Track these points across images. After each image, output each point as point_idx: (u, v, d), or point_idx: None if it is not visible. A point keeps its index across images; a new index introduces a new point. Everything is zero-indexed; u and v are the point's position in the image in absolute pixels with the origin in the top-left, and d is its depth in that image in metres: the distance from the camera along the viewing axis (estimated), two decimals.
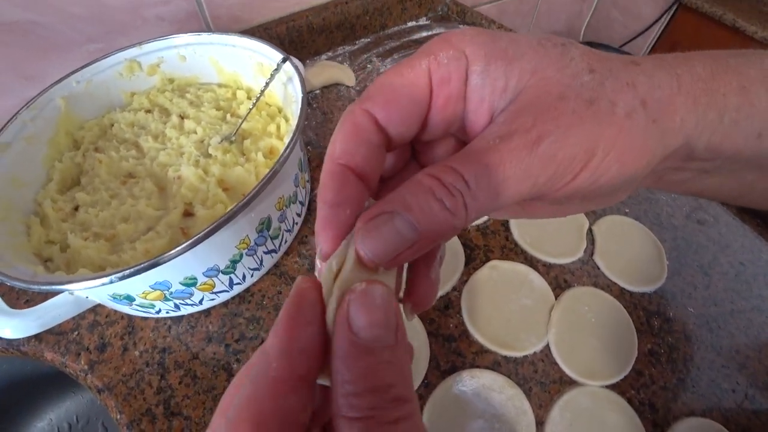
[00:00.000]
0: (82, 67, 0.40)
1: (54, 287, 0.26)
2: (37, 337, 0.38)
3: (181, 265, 0.31)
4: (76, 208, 0.38)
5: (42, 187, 0.38)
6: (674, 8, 0.97)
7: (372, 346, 0.12)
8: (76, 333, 0.38)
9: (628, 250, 0.45)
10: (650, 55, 0.17)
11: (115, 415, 0.35)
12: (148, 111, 0.45)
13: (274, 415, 0.12)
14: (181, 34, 0.44)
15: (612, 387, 0.37)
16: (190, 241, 0.28)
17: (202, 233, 0.28)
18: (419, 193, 0.14)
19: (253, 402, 0.12)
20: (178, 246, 0.27)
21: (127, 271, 0.26)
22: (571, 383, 0.37)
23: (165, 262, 0.27)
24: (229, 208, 0.30)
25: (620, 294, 0.42)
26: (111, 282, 0.26)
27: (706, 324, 0.41)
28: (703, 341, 0.40)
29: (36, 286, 0.26)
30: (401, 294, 0.18)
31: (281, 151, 0.33)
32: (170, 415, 0.34)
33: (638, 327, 0.40)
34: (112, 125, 0.43)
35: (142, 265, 0.26)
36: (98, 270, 0.33)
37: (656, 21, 1.02)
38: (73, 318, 0.39)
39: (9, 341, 0.38)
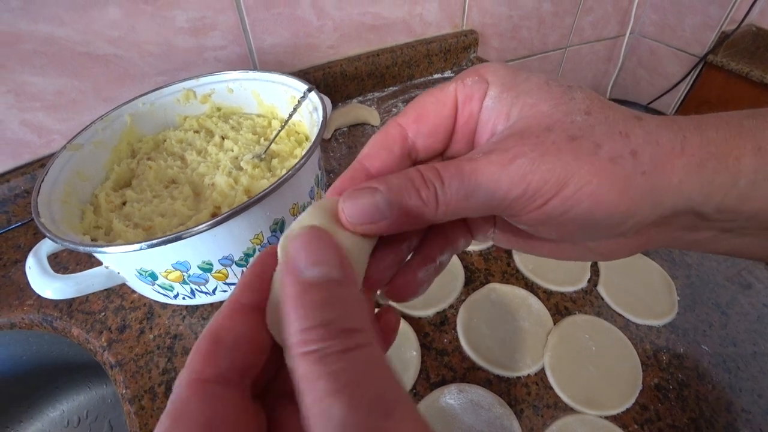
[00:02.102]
0: (149, 92, 0.49)
1: (96, 249, 0.31)
2: (69, 313, 0.43)
3: (200, 247, 0.35)
4: (124, 203, 0.44)
5: (100, 183, 0.45)
6: (700, 66, 1.00)
7: (316, 282, 0.13)
8: (102, 314, 0.43)
9: (634, 282, 0.44)
10: (661, 116, 0.17)
11: (121, 390, 0.37)
12: (196, 131, 0.52)
13: (229, 331, 0.14)
14: (231, 71, 0.52)
15: (612, 418, 0.35)
16: (210, 222, 0.32)
17: (221, 217, 0.32)
18: (402, 180, 0.16)
19: (212, 324, 0.14)
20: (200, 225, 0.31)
21: (155, 241, 0.31)
22: (567, 410, 0.35)
23: (187, 237, 0.31)
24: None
25: (625, 326, 0.41)
26: (141, 249, 0.30)
27: (723, 363, 0.38)
28: (720, 381, 0.37)
29: (82, 247, 0.31)
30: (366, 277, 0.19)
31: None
32: (170, 395, 0.36)
33: (643, 360, 0.38)
34: (165, 141, 0.51)
35: (168, 237, 0.31)
36: None
37: (683, 79, 1.04)
38: (103, 301, 0.44)
39: (44, 316, 0.43)
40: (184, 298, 0.40)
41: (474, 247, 0.47)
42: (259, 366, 0.15)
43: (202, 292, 0.39)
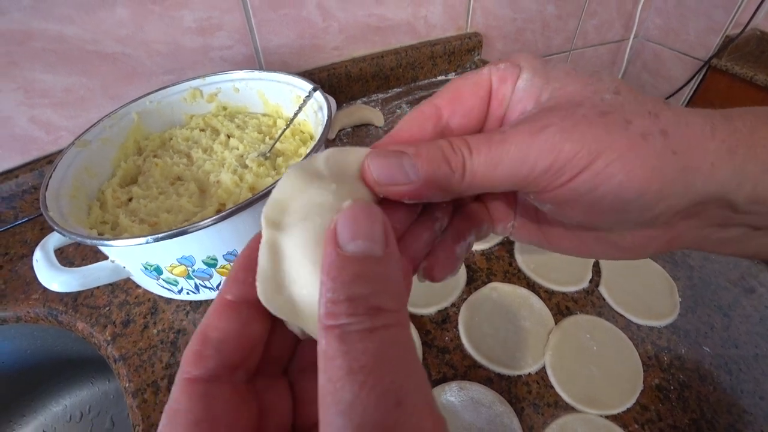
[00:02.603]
0: (156, 91, 0.50)
1: (103, 242, 0.31)
2: (74, 308, 0.43)
3: (205, 242, 0.35)
4: (130, 200, 0.44)
5: (107, 180, 0.45)
6: (704, 70, 1.00)
7: (356, 257, 0.12)
8: (107, 308, 0.43)
9: (636, 283, 0.44)
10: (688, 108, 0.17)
11: (125, 383, 0.38)
12: (202, 130, 0.53)
13: (216, 330, 0.14)
14: (237, 71, 0.53)
15: (612, 418, 0.35)
16: (215, 217, 0.32)
17: (226, 212, 0.33)
18: (431, 148, 0.16)
19: (202, 323, 0.14)
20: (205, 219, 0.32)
21: (161, 235, 0.31)
22: (567, 408, 0.35)
23: (192, 232, 0.32)
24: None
25: (626, 326, 0.41)
26: (147, 243, 0.31)
27: (725, 365, 0.38)
28: (721, 383, 0.37)
29: (89, 240, 0.31)
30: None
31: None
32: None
33: (645, 360, 0.38)
34: (171, 138, 0.52)
35: (174, 231, 0.31)
36: None
37: (687, 83, 1.04)
38: (108, 296, 0.44)
39: (49, 310, 0.44)
40: (188, 293, 0.40)
41: (477, 246, 0.48)
42: (254, 356, 0.15)
43: (206, 287, 0.40)
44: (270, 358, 0.16)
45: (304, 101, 0.47)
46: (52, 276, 0.34)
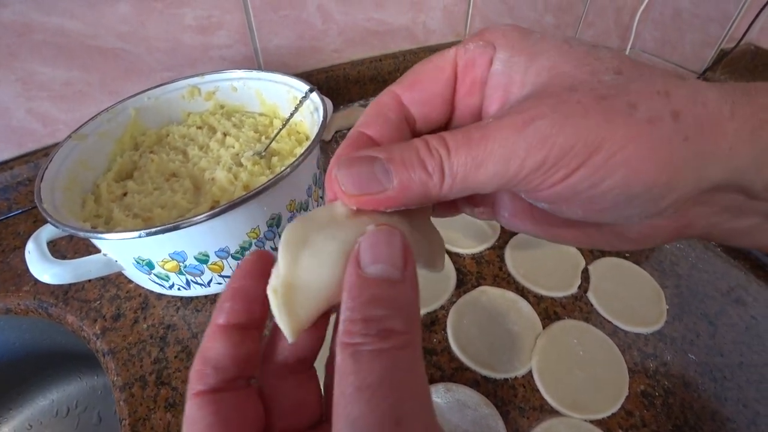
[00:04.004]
0: (154, 87, 0.50)
1: (95, 235, 0.32)
2: (65, 301, 0.43)
3: (197, 238, 0.35)
4: (125, 194, 0.45)
5: (102, 174, 0.46)
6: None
7: (375, 280, 0.13)
8: (98, 302, 0.43)
9: (624, 290, 0.44)
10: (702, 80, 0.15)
11: (113, 377, 0.38)
12: (199, 127, 0.53)
13: (212, 351, 0.15)
14: (236, 70, 0.53)
15: (597, 422, 0.35)
16: (208, 213, 0.33)
17: (219, 209, 0.33)
18: (405, 149, 0.14)
19: (201, 344, 0.15)
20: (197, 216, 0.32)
21: (154, 229, 0.31)
22: (552, 412, 0.36)
23: (185, 227, 0.32)
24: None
25: (613, 332, 0.41)
26: (139, 237, 0.31)
27: (710, 373, 0.39)
28: (706, 390, 0.38)
29: (82, 233, 0.32)
30: None
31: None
32: (160, 384, 0.37)
33: (630, 366, 0.39)
34: (168, 135, 0.52)
35: (166, 226, 0.31)
36: None
37: None
38: (99, 290, 0.44)
39: (39, 303, 0.44)
40: (179, 289, 0.40)
41: (466, 250, 0.48)
42: (250, 368, 0.16)
43: (197, 283, 0.40)
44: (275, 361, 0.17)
45: (301, 102, 0.47)
46: (43, 268, 0.35)
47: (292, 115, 0.48)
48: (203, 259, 0.38)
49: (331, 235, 0.14)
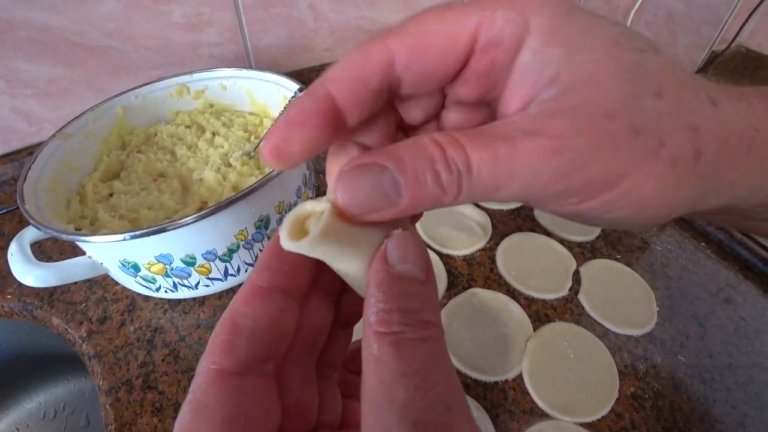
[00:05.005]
0: (142, 85, 0.49)
1: (79, 238, 0.31)
2: (50, 303, 0.43)
3: (184, 240, 0.35)
4: (111, 195, 0.44)
5: (88, 174, 0.45)
6: None
7: (404, 277, 0.13)
8: (83, 305, 0.42)
9: (615, 292, 0.44)
10: (737, 93, 0.15)
11: (98, 381, 0.37)
12: (188, 127, 0.53)
13: (247, 318, 0.14)
14: (225, 68, 0.52)
15: (587, 425, 0.35)
16: (196, 215, 0.32)
17: (206, 210, 0.32)
18: (418, 158, 0.12)
19: (229, 310, 0.14)
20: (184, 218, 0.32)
21: (139, 232, 0.31)
22: (543, 416, 0.36)
23: (171, 229, 0.31)
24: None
25: (604, 334, 0.41)
26: (124, 239, 0.30)
27: (699, 375, 0.39)
28: (695, 392, 0.38)
29: (65, 236, 0.31)
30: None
31: None
32: (147, 388, 0.36)
33: (621, 369, 0.39)
34: (156, 134, 0.51)
35: (152, 229, 0.31)
36: None
37: None
38: (85, 292, 0.44)
39: (24, 305, 0.43)
40: (166, 292, 0.40)
41: (458, 251, 0.48)
42: (281, 349, 0.15)
43: (184, 286, 0.39)
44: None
45: (290, 101, 0.47)
46: (26, 270, 0.34)
47: (280, 114, 0.47)
48: (190, 262, 0.37)
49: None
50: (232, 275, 0.41)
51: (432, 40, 0.13)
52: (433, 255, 0.48)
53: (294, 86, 0.48)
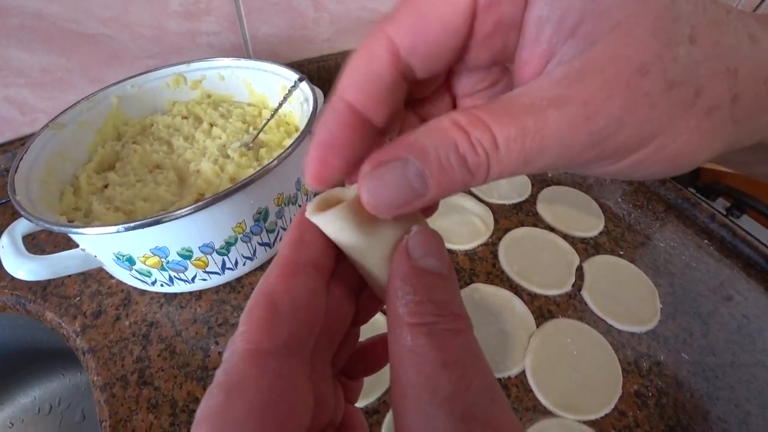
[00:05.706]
0: (138, 75, 0.48)
1: (71, 230, 0.30)
2: (43, 297, 0.42)
3: (180, 232, 0.34)
4: (106, 186, 0.43)
5: (82, 165, 0.44)
6: None
7: (428, 271, 0.13)
8: (77, 299, 0.42)
9: (618, 288, 0.44)
10: None
11: (93, 377, 0.36)
12: (185, 117, 0.51)
13: (286, 295, 0.13)
14: (223, 58, 0.51)
15: (591, 423, 0.35)
16: (192, 207, 0.31)
17: (203, 202, 0.32)
18: (441, 145, 0.11)
19: (264, 287, 0.13)
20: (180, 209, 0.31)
21: (134, 224, 0.30)
22: (546, 413, 0.35)
23: (167, 221, 0.30)
24: None
25: (607, 331, 0.41)
26: (118, 232, 0.30)
27: (702, 373, 0.38)
28: (698, 390, 0.37)
29: (57, 228, 0.30)
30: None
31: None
32: (142, 383, 0.36)
33: (624, 366, 0.38)
34: (152, 125, 0.50)
35: (147, 221, 0.30)
36: None
37: None
38: (79, 285, 0.43)
39: (17, 299, 0.42)
40: (162, 285, 0.39)
41: (460, 246, 0.47)
42: (316, 333, 0.14)
43: (181, 279, 0.38)
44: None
45: (290, 91, 0.46)
46: (18, 263, 0.33)
47: (280, 104, 0.46)
48: (186, 255, 0.36)
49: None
50: (229, 269, 0.40)
51: (429, 14, 0.13)
52: None
53: (293, 76, 0.47)
